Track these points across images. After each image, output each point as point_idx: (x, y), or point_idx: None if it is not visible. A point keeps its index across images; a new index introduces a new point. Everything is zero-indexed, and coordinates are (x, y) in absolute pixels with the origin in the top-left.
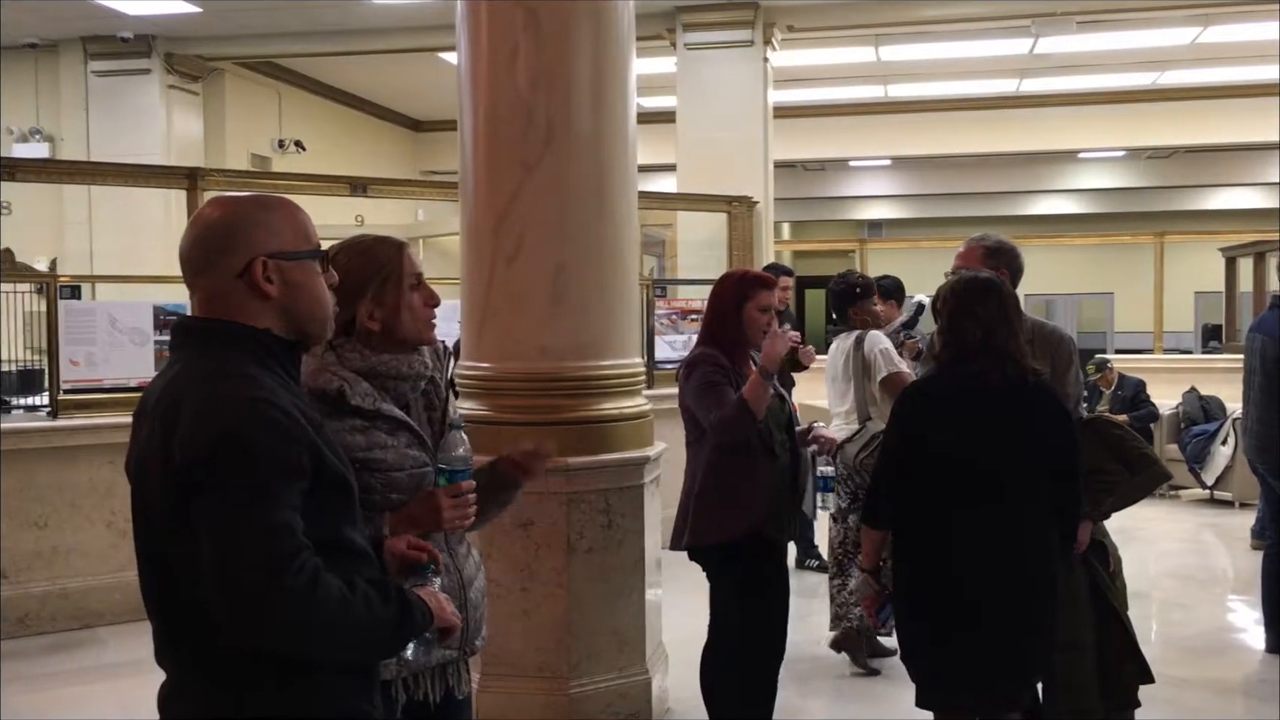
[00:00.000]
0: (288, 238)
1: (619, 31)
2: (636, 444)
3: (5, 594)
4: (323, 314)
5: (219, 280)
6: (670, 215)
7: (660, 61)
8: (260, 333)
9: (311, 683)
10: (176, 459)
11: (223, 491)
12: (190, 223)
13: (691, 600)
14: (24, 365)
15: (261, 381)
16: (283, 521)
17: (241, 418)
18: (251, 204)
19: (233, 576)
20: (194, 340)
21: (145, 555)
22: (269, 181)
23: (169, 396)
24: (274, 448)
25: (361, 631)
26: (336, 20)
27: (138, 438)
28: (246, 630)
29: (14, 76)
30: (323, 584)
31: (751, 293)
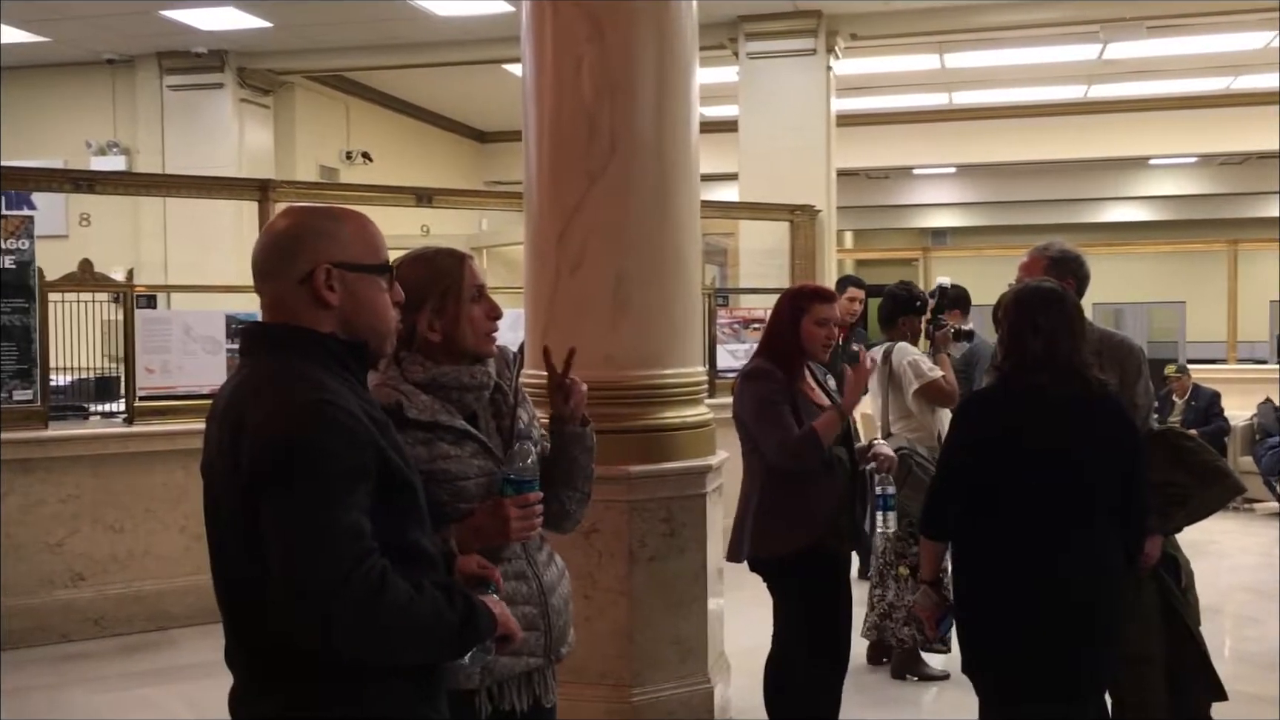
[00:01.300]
0: (354, 250)
1: (682, 42)
2: (698, 453)
3: (83, 596)
4: (384, 328)
5: (282, 285)
6: (732, 224)
7: (722, 71)
8: (325, 337)
9: (376, 685)
10: (244, 461)
11: (289, 493)
12: (263, 231)
13: (755, 610)
14: (102, 373)
15: (326, 384)
16: (350, 523)
17: (307, 420)
18: (321, 214)
19: (300, 578)
20: (261, 345)
21: (216, 557)
22: (337, 192)
23: (237, 400)
24: (340, 450)
25: (426, 634)
26: (404, 34)
27: (209, 441)
28: (314, 632)
29: (93, 92)
30: (390, 586)
31: (808, 306)
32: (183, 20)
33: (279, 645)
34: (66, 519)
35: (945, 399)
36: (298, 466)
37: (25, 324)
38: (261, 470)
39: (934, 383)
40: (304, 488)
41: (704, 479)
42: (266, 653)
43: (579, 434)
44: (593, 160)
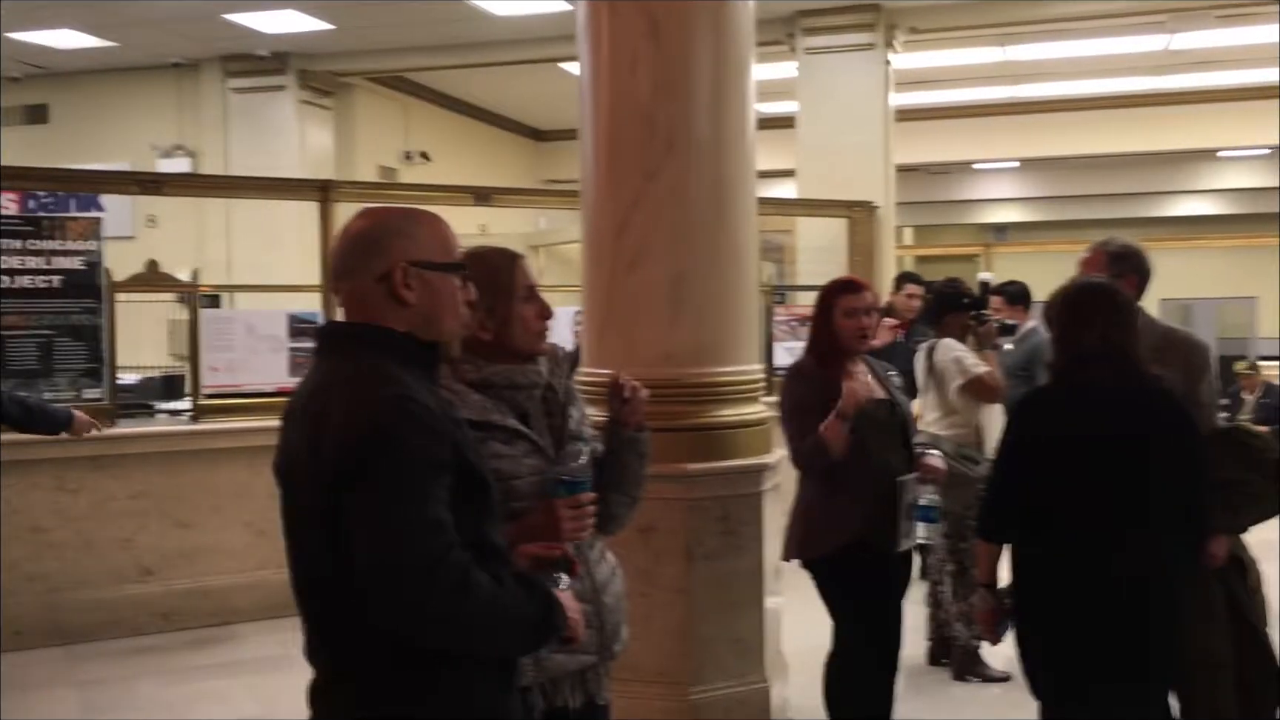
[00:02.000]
0: (431, 249)
1: (739, 38)
2: (755, 451)
3: (152, 590)
4: (456, 326)
5: (361, 283)
6: (790, 221)
7: (780, 66)
8: (400, 335)
9: (454, 679)
10: (327, 459)
11: (375, 489)
12: (341, 231)
13: (814, 609)
14: (168, 371)
15: (405, 381)
16: (434, 517)
17: (389, 415)
18: (398, 214)
19: (387, 573)
20: (337, 344)
21: (296, 554)
22: (396, 192)
23: (316, 399)
24: (421, 444)
25: (508, 627)
26: (462, 34)
27: (287, 441)
28: (399, 626)
29: (158, 95)
30: (474, 580)
31: (835, 299)
32: (246, 24)
33: (361, 639)
34: (135, 515)
35: (990, 395)
36: (381, 461)
37: (94, 324)
38: (345, 466)
39: (978, 378)
40: (388, 482)
41: (761, 477)
42: (349, 646)
43: (634, 439)
44: (649, 158)
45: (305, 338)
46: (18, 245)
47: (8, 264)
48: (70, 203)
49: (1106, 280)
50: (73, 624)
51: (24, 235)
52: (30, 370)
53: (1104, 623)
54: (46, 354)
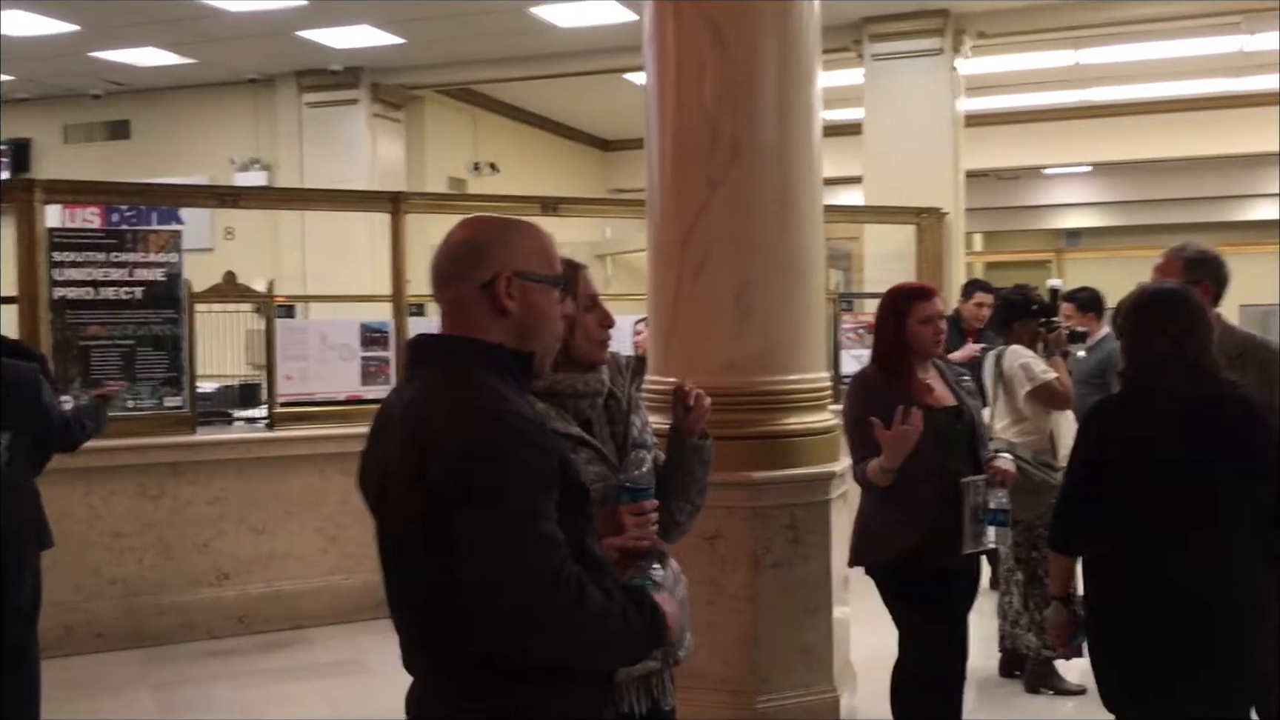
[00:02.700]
0: (534, 261)
1: (805, 47)
2: (822, 459)
3: (228, 595)
4: (553, 340)
5: (464, 290)
6: (856, 228)
7: (846, 73)
8: (495, 347)
9: (559, 691)
10: (432, 473)
11: (486, 505)
12: (443, 240)
13: (881, 619)
14: (244, 380)
15: (507, 394)
16: (547, 532)
17: (496, 429)
18: (503, 224)
19: (502, 590)
20: (432, 356)
21: (396, 567)
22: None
23: (416, 412)
24: (531, 457)
25: (620, 639)
26: (529, 46)
27: (381, 453)
28: (513, 642)
29: (236, 110)
30: (588, 595)
31: (910, 307)
32: (320, 40)
33: (462, 651)
34: (213, 520)
35: (1059, 401)
36: (492, 476)
37: (175, 333)
38: (454, 481)
39: (1046, 385)
40: (500, 497)
41: (828, 485)
42: (450, 658)
43: (698, 446)
44: (715, 167)
45: (376, 347)
46: (101, 258)
47: (92, 276)
48: (151, 216)
49: (1177, 285)
50: (151, 627)
51: (107, 248)
52: (113, 380)
53: (1176, 633)
54: (129, 363)
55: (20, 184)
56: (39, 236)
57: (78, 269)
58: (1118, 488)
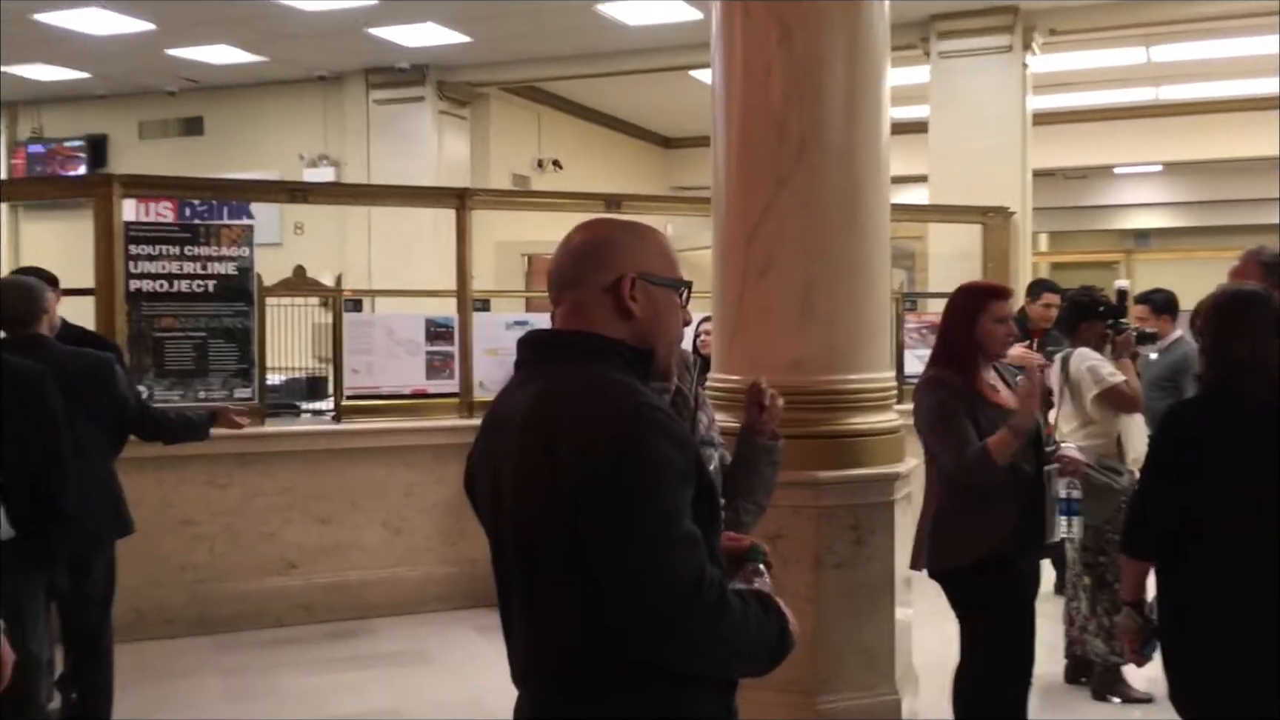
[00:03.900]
0: (657, 263)
1: (873, 45)
2: (887, 459)
3: (294, 584)
4: (674, 342)
5: (587, 292)
6: (921, 227)
7: (913, 71)
8: (617, 343)
9: (686, 697)
10: (567, 472)
11: (628, 503)
12: (562, 243)
13: (945, 621)
14: (312, 373)
15: (637, 387)
16: (689, 532)
17: (635, 424)
18: (625, 227)
19: (649, 592)
20: (552, 353)
21: (520, 569)
22: (530, 200)
23: (541, 410)
24: (670, 453)
25: (755, 644)
26: (595, 43)
27: (495, 454)
28: (659, 645)
29: (305, 107)
30: (728, 599)
31: (985, 305)
32: (388, 38)
33: (587, 656)
34: (280, 510)
35: (1127, 404)
36: (634, 472)
37: (245, 326)
38: (592, 479)
39: (1114, 388)
40: (643, 495)
41: (892, 486)
42: (579, 664)
43: (769, 447)
44: (781, 165)
45: (441, 341)
46: (175, 251)
47: (166, 269)
48: (223, 210)
49: (1259, 287)
50: (219, 614)
51: (181, 242)
52: (186, 371)
53: (1252, 641)
54: (201, 355)
55: (98, 179)
56: (116, 230)
57: (152, 262)
58: (1194, 495)
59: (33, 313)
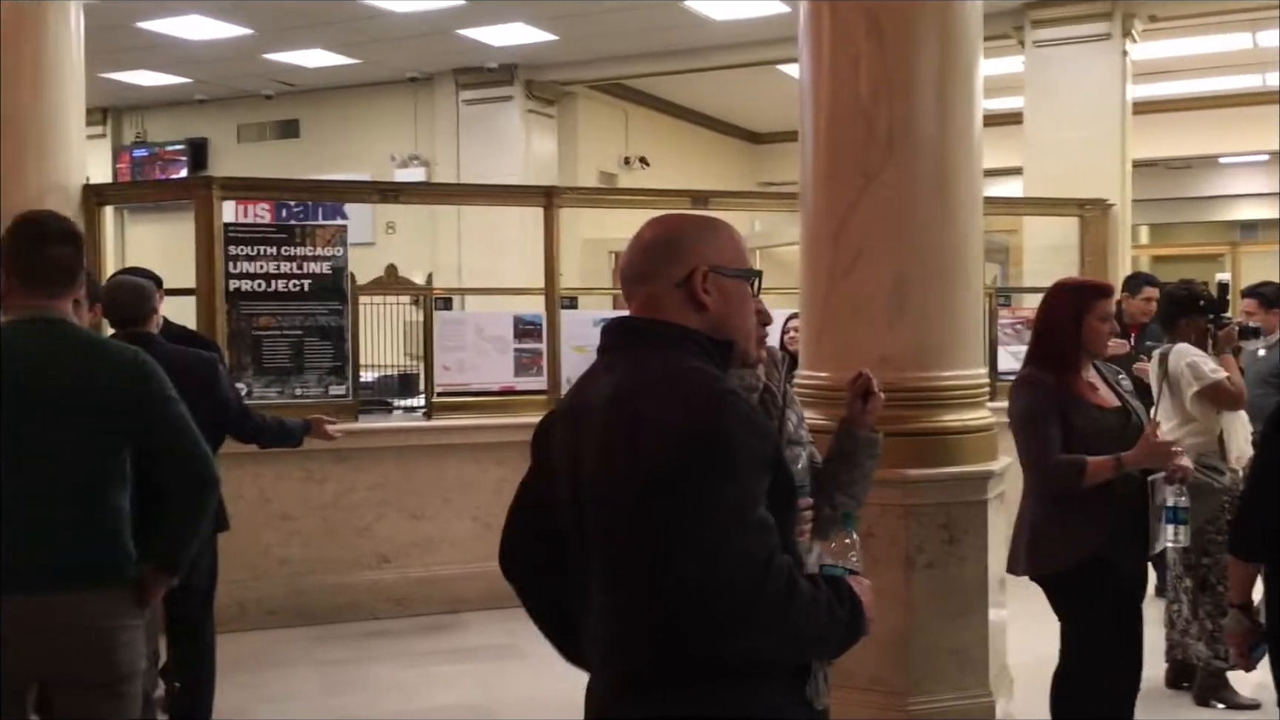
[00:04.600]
0: (728, 255)
1: (965, 36)
2: (979, 458)
3: (387, 577)
4: (749, 332)
5: (659, 287)
6: (1015, 221)
7: (1006, 61)
8: (696, 333)
9: (759, 685)
10: (649, 455)
11: (705, 488)
12: (633, 239)
13: (1041, 623)
14: (403, 370)
15: (719, 375)
16: (762, 518)
17: (717, 410)
18: (695, 221)
19: (719, 573)
20: (634, 339)
21: (599, 551)
22: (617, 197)
23: (624, 396)
24: (751, 441)
25: (825, 631)
26: (681, 40)
27: (581, 436)
28: (733, 630)
29: (396, 108)
30: (798, 585)
31: (1090, 303)
32: (477, 38)
33: (667, 640)
34: (374, 505)
35: (1229, 401)
36: (713, 456)
37: (339, 325)
38: (673, 465)
39: (1216, 385)
40: (722, 480)
41: (985, 485)
42: (656, 648)
43: (872, 439)
44: (869, 159)
45: (529, 339)
46: (272, 251)
47: (264, 269)
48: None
49: None
50: (316, 606)
51: (278, 242)
52: (283, 368)
53: None
54: (297, 353)
55: (199, 181)
56: (216, 231)
57: (251, 262)
58: None
59: (143, 312)
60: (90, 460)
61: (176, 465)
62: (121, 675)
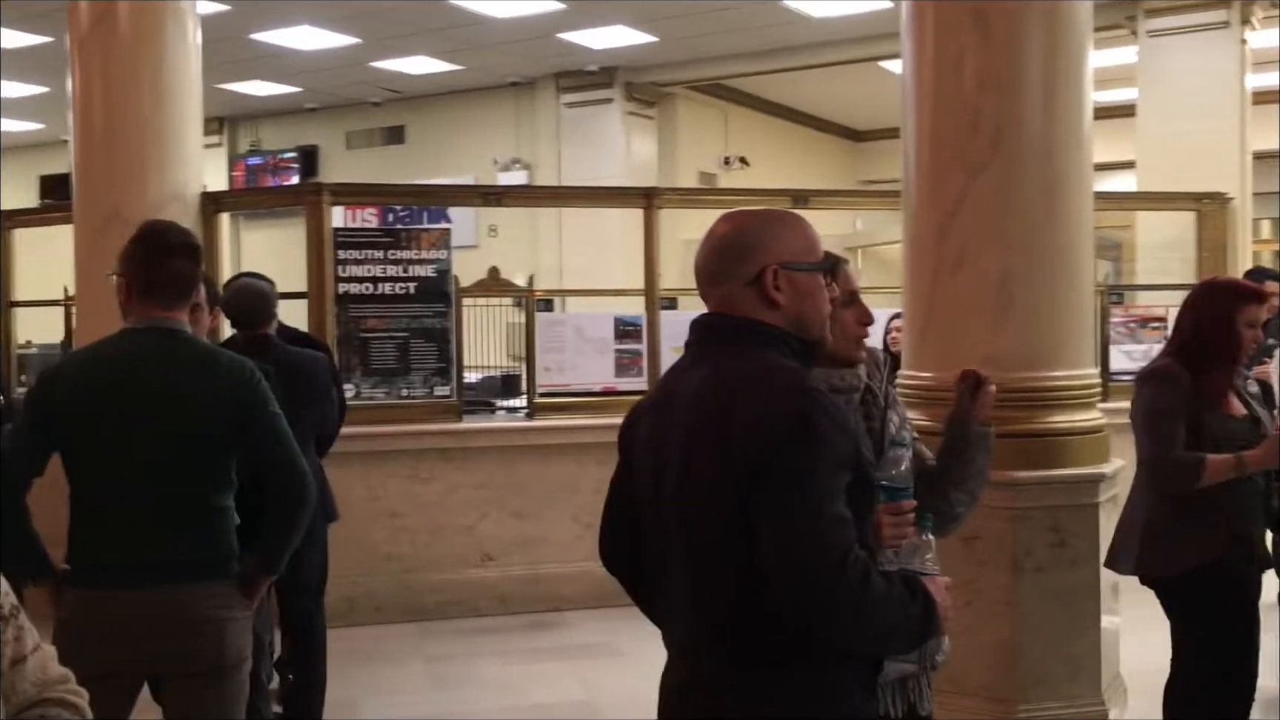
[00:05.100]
0: (798, 249)
1: (1074, 28)
2: (1090, 460)
3: (490, 575)
4: (824, 322)
5: (732, 287)
6: (1127, 216)
7: (1118, 52)
8: (784, 331)
9: (833, 675)
10: (737, 447)
11: (790, 479)
12: (705, 238)
13: (1156, 630)
14: (506, 371)
15: (806, 373)
16: (840, 512)
17: (805, 406)
18: (763, 217)
19: (802, 564)
20: (723, 336)
21: (684, 539)
22: (716, 197)
23: (713, 389)
24: (835, 438)
25: (896, 625)
26: (781, 38)
27: (668, 429)
28: (811, 616)
29: (498, 112)
30: (873, 577)
31: (1241, 306)
32: (577, 41)
33: (743, 628)
34: (478, 504)
35: None
36: (798, 453)
37: (444, 326)
38: (761, 457)
39: None
40: (806, 472)
41: (1096, 488)
42: (730, 636)
43: (984, 434)
44: (974, 156)
45: (630, 340)
46: (379, 255)
47: (371, 272)
48: (423, 215)
49: None
50: (422, 602)
51: (385, 246)
52: (389, 370)
53: None
54: (403, 355)
55: (309, 188)
56: (326, 236)
57: (359, 266)
58: None
59: (264, 315)
60: (198, 465)
61: (275, 476)
62: (228, 664)
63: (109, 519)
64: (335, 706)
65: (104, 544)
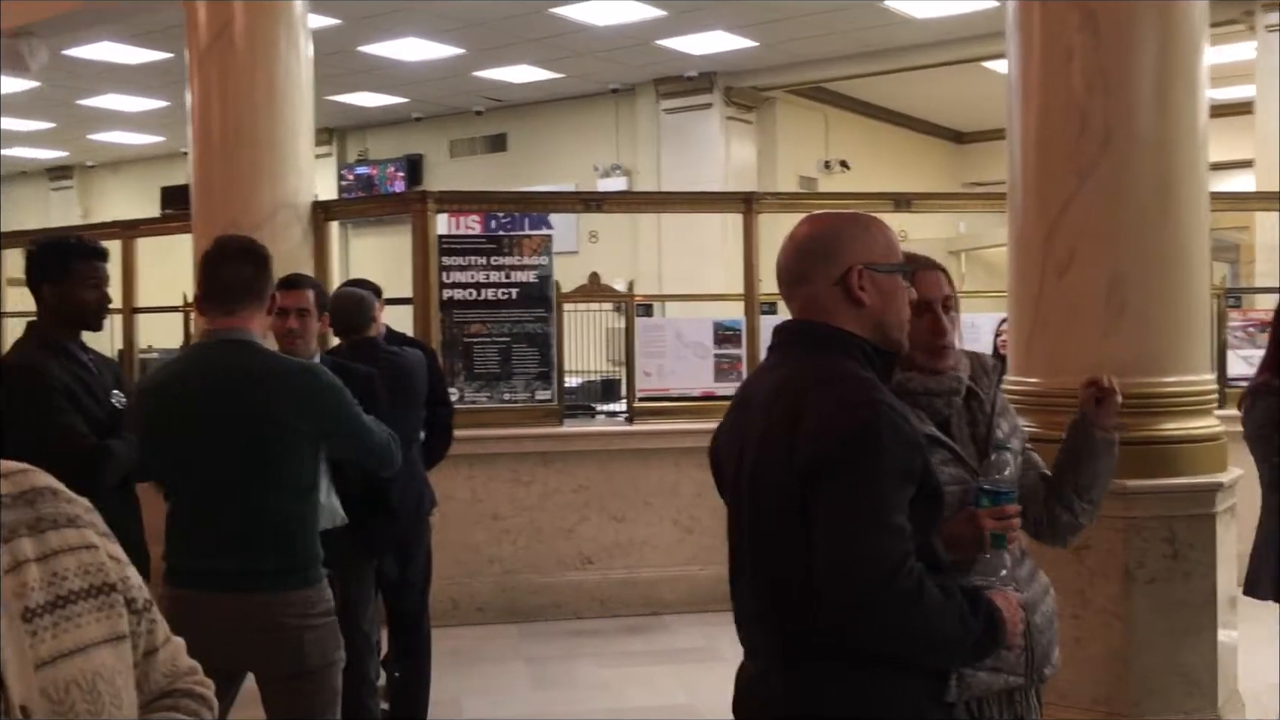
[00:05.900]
0: (880, 250)
1: (1188, 25)
2: (1206, 468)
3: (590, 578)
4: (904, 324)
5: (817, 288)
6: (1246, 217)
7: (1236, 48)
8: (861, 339)
9: (898, 684)
10: (803, 452)
11: (848, 487)
12: (788, 239)
13: (1273, 646)
14: (606, 375)
15: (878, 384)
16: (898, 524)
17: (869, 417)
18: (846, 219)
19: (850, 571)
20: (802, 341)
21: (752, 539)
22: (816, 201)
23: (787, 393)
24: (896, 449)
25: (951, 640)
26: (882, 40)
27: (741, 432)
28: (849, 624)
29: (598, 119)
30: (926, 590)
31: None
32: (677, 47)
33: (806, 629)
34: (578, 507)
35: None
36: (859, 461)
37: (545, 331)
38: (821, 462)
39: None
40: (863, 483)
41: (1213, 498)
42: (792, 636)
43: (1111, 440)
44: (1083, 157)
45: (729, 345)
46: (482, 261)
47: (474, 278)
48: (524, 221)
49: None
50: (523, 604)
51: (488, 252)
52: (492, 374)
53: None
54: (506, 359)
55: (415, 196)
56: (431, 243)
57: (462, 272)
58: None
59: (362, 321)
60: (273, 476)
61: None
62: (310, 668)
63: (192, 526)
64: (439, 704)
65: (190, 549)
